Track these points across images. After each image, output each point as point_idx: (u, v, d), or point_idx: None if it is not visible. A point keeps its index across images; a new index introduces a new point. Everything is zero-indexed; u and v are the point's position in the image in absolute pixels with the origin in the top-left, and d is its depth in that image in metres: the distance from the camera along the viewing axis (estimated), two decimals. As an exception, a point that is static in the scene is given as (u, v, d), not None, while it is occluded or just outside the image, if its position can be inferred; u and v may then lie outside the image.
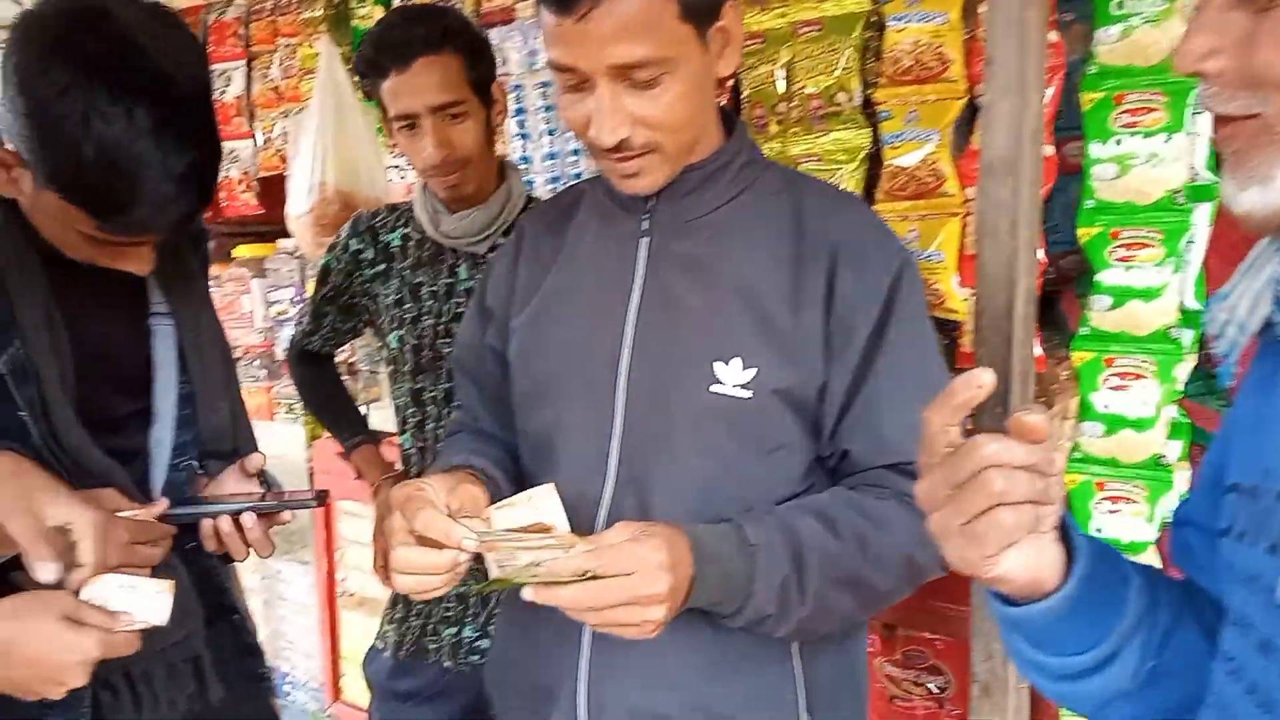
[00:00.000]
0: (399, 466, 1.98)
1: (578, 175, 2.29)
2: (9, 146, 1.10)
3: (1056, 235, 1.71)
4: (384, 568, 1.85)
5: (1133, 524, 1.59)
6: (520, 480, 1.23)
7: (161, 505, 1.23)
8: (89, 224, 1.10)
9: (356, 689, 2.84)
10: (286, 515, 1.30)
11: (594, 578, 0.94)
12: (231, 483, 1.32)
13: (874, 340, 1.11)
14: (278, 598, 3.13)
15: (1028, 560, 0.70)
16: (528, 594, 0.95)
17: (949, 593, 1.71)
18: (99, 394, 1.25)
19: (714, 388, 1.09)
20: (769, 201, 1.17)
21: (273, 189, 3.11)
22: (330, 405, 2.13)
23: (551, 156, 2.31)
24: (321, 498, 1.31)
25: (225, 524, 1.27)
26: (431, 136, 1.66)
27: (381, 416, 2.58)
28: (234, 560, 1.37)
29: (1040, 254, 1.53)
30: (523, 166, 2.32)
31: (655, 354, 1.13)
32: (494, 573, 0.99)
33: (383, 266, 1.85)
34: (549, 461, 1.18)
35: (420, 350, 1.80)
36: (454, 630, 1.81)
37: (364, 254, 1.86)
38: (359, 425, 2.10)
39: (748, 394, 1.09)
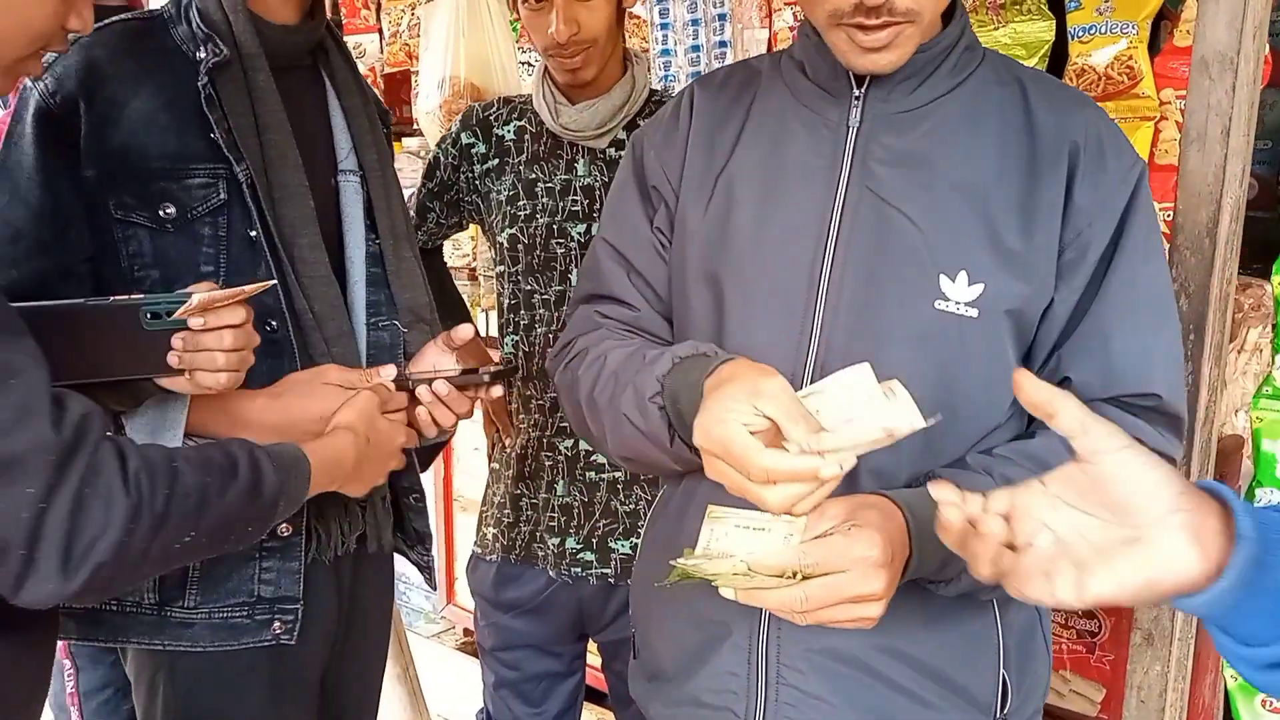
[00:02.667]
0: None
1: (722, 71, 2.16)
2: None
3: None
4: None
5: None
6: None
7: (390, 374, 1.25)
8: None
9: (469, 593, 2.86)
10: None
11: (803, 576, 0.84)
12: (431, 355, 1.34)
13: (1107, 257, 0.98)
14: (394, 499, 3.16)
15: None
16: (728, 594, 0.85)
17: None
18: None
19: (939, 304, 0.97)
20: (993, 94, 1.03)
21: (397, 87, 3.06)
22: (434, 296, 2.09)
23: (695, 49, 2.19)
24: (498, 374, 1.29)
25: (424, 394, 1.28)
26: (560, 12, 1.58)
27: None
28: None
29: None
30: (664, 59, 2.21)
31: (866, 263, 0.99)
32: (701, 549, 0.89)
33: (495, 161, 1.77)
34: None
35: (532, 250, 1.73)
36: (558, 540, 1.77)
37: (475, 148, 1.78)
38: (461, 315, 2.02)
39: (974, 313, 0.97)
